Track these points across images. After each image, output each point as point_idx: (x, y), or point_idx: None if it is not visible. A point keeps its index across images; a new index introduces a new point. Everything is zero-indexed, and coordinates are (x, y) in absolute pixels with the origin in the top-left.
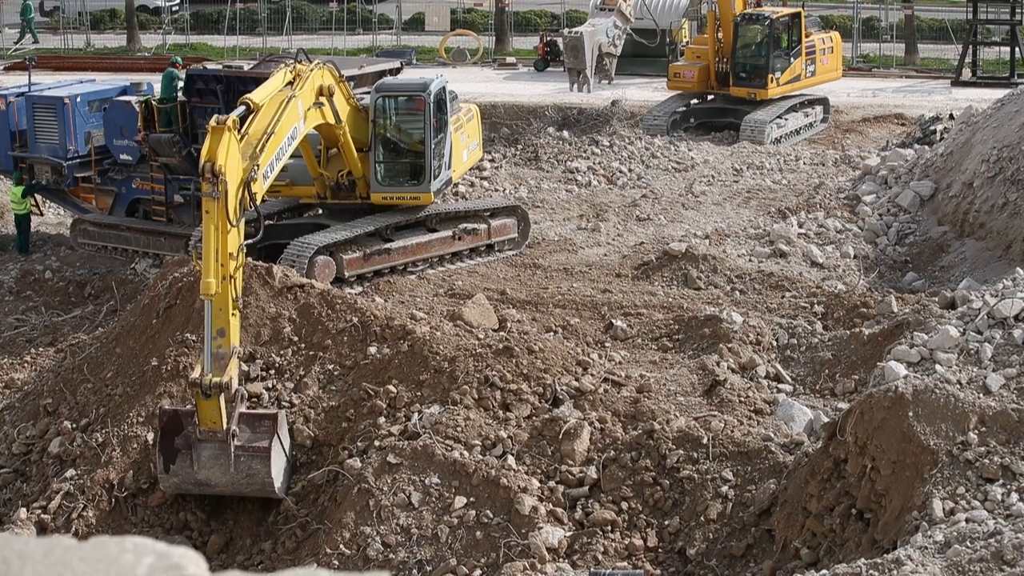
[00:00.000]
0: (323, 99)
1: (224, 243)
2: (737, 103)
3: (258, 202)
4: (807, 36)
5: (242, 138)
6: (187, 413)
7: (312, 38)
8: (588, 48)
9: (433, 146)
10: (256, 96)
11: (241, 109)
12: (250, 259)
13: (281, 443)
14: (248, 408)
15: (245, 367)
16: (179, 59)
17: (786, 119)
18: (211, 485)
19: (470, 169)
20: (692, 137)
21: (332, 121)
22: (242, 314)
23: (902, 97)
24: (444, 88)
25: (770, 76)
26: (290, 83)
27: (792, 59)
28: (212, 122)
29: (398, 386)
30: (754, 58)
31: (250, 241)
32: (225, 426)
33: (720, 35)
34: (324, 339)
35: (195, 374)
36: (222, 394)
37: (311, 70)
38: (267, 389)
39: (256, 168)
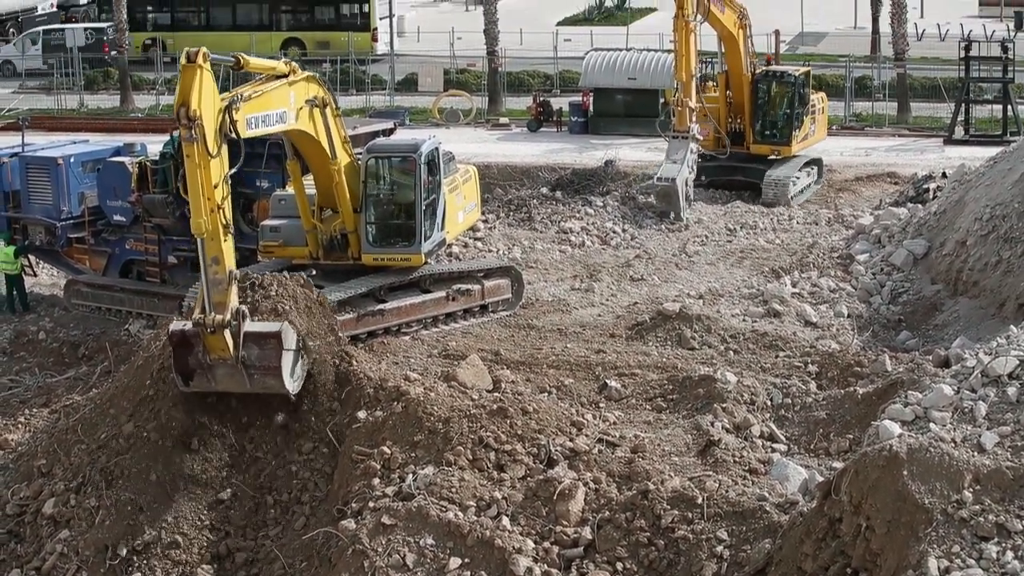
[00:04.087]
0: (316, 106)
1: (208, 176)
2: (747, 161)
3: (242, 134)
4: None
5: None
6: (195, 333)
7: None
8: (681, 193)
9: (424, 207)
10: (251, 59)
11: (229, 59)
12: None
13: (288, 351)
14: (251, 321)
15: None
16: None
17: (799, 176)
18: (230, 392)
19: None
20: (707, 195)
21: (324, 139)
22: (234, 238)
23: (895, 156)
24: (437, 149)
25: (794, 134)
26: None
27: (804, 117)
28: (183, 59)
29: (392, 447)
30: (778, 116)
31: (234, 169)
32: (233, 353)
33: (730, 94)
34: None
35: (197, 314)
36: (227, 328)
37: (304, 77)
38: None
39: (239, 97)
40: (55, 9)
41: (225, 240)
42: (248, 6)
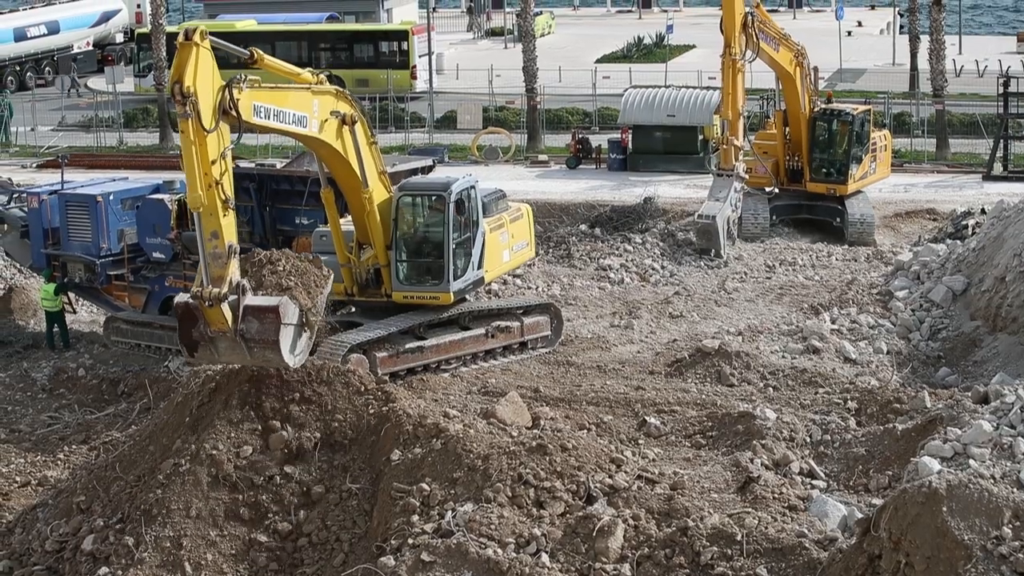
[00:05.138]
0: (345, 120)
1: (204, 151)
2: (813, 199)
3: (244, 116)
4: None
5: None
6: (197, 306)
7: None
8: (722, 231)
9: (456, 246)
10: (267, 57)
11: (244, 52)
12: None
13: (289, 325)
14: (252, 296)
15: None
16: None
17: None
18: (233, 364)
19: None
20: (779, 233)
21: (353, 159)
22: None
23: (934, 192)
24: (472, 188)
25: (851, 172)
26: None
27: (863, 155)
28: (180, 37)
29: (431, 484)
30: (835, 154)
31: (233, 144)
32: (232, 326)
33: (788, 132)
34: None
35: (195, 287)
36: (224, 301)
37: (332, 91)
38: None
39: (243, 78)
40: (91, 48)
41: (224, 215)
42: (287, 44)
